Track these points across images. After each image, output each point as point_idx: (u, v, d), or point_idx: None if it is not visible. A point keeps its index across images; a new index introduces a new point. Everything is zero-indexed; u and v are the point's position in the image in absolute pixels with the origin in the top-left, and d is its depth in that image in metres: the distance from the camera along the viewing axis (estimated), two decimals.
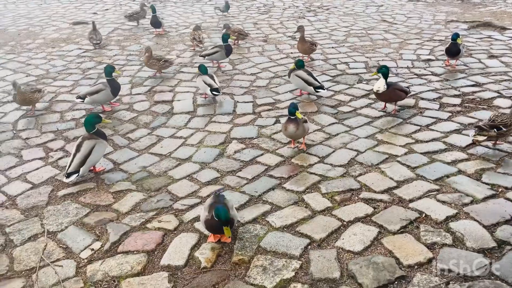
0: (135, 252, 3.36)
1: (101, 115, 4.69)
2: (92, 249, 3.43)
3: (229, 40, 7.03)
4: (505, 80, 6.18)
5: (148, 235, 3.53)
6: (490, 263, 3.04)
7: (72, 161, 4.21)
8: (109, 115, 5.63)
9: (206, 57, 7.02)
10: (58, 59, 7.61)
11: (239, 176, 4.29)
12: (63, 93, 6.29)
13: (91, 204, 3.97)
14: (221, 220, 3.19)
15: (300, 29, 7.24)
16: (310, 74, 5.79)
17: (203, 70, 5.92)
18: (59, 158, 4.70)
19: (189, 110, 5.70)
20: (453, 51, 6.57)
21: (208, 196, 4.01)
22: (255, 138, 4.98)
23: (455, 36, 6.53)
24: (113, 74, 5.74)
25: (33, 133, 5.24)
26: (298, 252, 3.25)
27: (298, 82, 5.80)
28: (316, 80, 5.74)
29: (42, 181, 4.34)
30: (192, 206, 3.88)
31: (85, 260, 3.31)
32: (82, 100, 5.63)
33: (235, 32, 8.05)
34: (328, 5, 10.94)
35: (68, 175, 4.17)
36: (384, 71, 5.26)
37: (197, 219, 3.66)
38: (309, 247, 3.31)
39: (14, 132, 5.28)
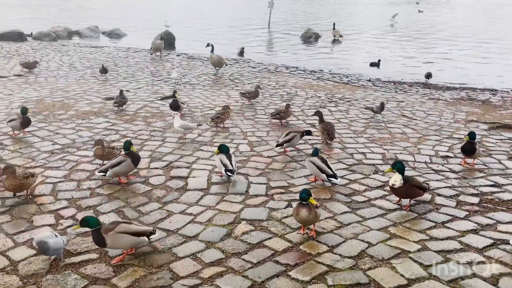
0: None
1: None
2: None
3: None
4: None
5: None
6: None
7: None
8: (124, 187, 5.72)
9: (284, 144, 6.97)
10: (85, 130, 7.95)
11: (243, 259, 4.18)
12: (84, 162, 6.47)
13: (91, 276, 3.89)
14: None
15: (317, 113, 7.45)
16: (324, 161, 5.83)
17: (223, 149, 6.05)
18: (68, 226, 4.72)
19: (202, 188, 5.74)
20: (468, 149, 6.56)
21: (210, 277, 3.89)
22: (265, 221, 4.92)
23: (473, 135, 6.56)
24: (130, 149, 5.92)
25: (48, 199, 5.33)
26: None
27: (312, 168, 5.84)
28: (330, 168, 5.77)
29: None
30: None
31: None
32: (104, 174, 5.77)
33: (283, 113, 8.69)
34: (350, 98, 11.30)
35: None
36: (399, 167, 5.22)
37: None
38: None
39: (30, 197, 5.39)
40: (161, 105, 9.84)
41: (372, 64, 16.91)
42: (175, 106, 8.85)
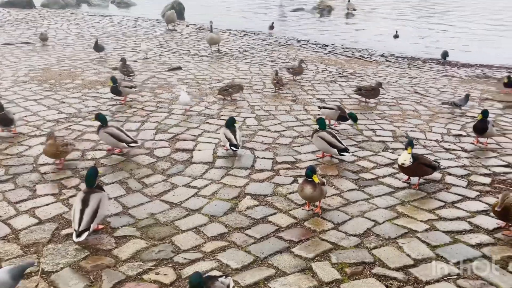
0: None
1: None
2: None
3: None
4: None
5: (142, 287, 3.35)
6: None
7: (81, 217, 3.79)
8: (129, 159, 5.65)
9: (321, 109, 7.07)
10: (91, 100, 7.85)
11: (247, 234, 4.11)
12: (89, 132, 6.39)
13: (92, 247, 3.86)
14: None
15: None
16: (334, 136, 5.69)
17: (228, 122, 5.92)
18: (71, 196, 4.67)
19: (208, 161, 5.65)
20: (480, 127, 6.36)
21: (212, 251, 3.84)
22: (269, 196, 4.83)
23: (486, 113, 6.35)
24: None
25: (51, 168, 5.29)
26: None
27: (321, 143, 5.69)
28: (340, 142, 5.63)
29: (49, 217, 4.30)
30: (193, 261, 3.70)
31: None
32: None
33: (274, 80, 8.91)
34: (361, 73, 11.02)
35: (80, 234, 3.74)
36: (413, 145, 5.09)
37: None
38: None
39: (34, 166, 5.35)
40: (168, 76, 9.68)
41: (395, 37, 16.84)
42: (117, 91, 7.71)
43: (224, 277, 3.08)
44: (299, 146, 6.26)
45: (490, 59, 13.87)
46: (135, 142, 5.75)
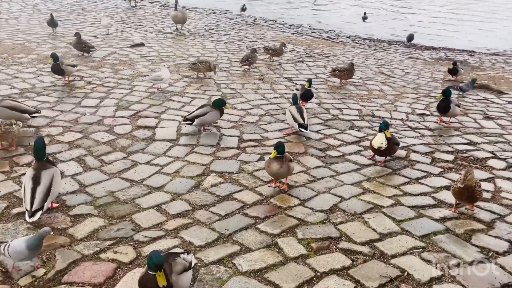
0: (80, 284, 2.99)
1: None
2: (34, 276, 3.06)
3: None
4: (500, 142, 6.01)
5: (99, 266, 3.17)
6: None
7: (33, 196, 3.55)
8: (86, 136, 5.36)
9: (296, 90, 6.85)
10: (47, 75, 7.42)
11: (211, 211, 3.98)
12: (44, 108, 6.03)
13: (45, 226, 3.61)
14: (150, 267, 2.57)
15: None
16: (300, 112, 5.64)
17: (215, 103, 5.74)
18: (23, 174, 4.37)
19: (171, 138, 5.44)
20: (443, 106, 6.44)
21: (175, 229, 3.68)
22: (235, 173, 4.70)
23: (448, 92, 6.43)
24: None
25: (1, 145, 4.93)
26: None
27: (288, 116, 5.75)
28: (302, 118, 5.58)
29: None
30: (154, 239, 3.54)
31: None
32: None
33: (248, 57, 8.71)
34: (329, 53, 10.98)
35: (33, 214, 3.51)
36: (389, 127, 5.07)
37: None
38: None
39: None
40: (130, 53, 9.30)
41: (363, 18, 16.82)
42: (58, 70, 7.00)
43: (186, 253, 2.94)
44: (266, 124, 6.14)
45: (453, 43, 14.16)
46: (38, 111, 5.48)
